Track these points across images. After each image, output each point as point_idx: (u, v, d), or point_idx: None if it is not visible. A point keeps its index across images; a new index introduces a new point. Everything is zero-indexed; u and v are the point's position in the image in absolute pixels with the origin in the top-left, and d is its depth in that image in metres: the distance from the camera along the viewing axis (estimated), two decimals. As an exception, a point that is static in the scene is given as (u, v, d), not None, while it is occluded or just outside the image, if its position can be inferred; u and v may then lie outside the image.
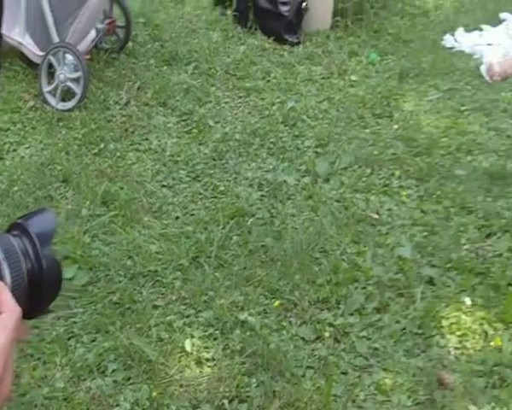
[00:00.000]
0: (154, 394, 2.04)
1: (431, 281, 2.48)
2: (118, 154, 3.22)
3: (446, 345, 2.23)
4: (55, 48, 3.55)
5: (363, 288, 2.43)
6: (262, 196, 2.96)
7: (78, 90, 3.51)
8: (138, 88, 3.76)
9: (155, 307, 2.36)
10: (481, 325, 2.30)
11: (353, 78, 3.98)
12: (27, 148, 3.24)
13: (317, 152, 3.26)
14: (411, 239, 2.68)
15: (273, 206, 2.89)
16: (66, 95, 3.58)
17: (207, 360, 2.17)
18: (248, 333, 2.24)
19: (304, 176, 3.08)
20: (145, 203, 2.87)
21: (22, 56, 3.79)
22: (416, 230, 2.73)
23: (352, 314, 2.33)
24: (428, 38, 4.51)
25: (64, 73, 3.52)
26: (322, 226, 2.72)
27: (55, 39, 3.61)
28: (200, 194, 2.96)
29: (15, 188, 2.93)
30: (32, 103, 3.57)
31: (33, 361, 2.15)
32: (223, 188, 2.99)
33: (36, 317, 0.64)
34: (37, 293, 0.63)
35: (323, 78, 3.99)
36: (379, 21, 4.69)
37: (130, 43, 4.15)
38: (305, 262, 2.54)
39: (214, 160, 3.19)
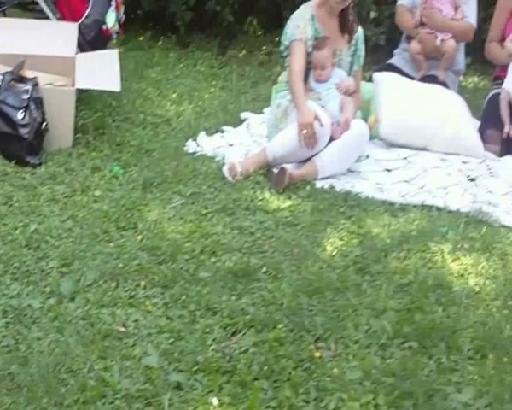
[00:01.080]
0: None
1: (178, 386, 2.64)
2: None
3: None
4: None
5: (111, 403, 2.54)
6: (7, 322, 3.00)
7: None
8: None
9: None
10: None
11: (97, 193, 4.14)
12: None
13: (61, 272, 3.36)
14: (158, 347, 2.84)
15: (18, 332, 2.94)
16: None
17: None
18: None
19: (49, 298, 3.17)
20: None
21: None
22: (162, 337, 2.90)
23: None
24: (171, 146, 4.80)
25: None
26: (69, 346, 2.82)
27: None
28: None
29: None
30: None
31: None
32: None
33: None
34: None
35: (67, 196, 4.11)
36: (121, 134, 4.92)
37: None
38: (52, 385, 2.61)
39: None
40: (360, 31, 5.02)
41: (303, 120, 4.48)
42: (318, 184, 4.40)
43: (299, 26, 4.80)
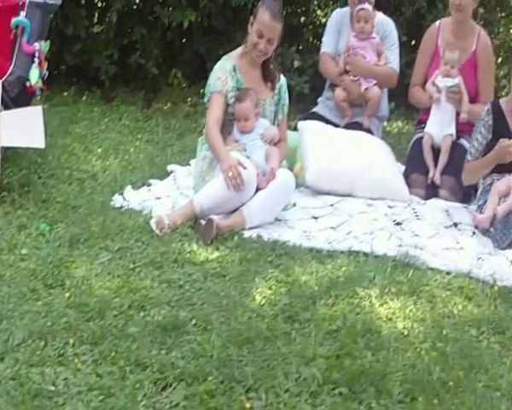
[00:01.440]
0: None
1: (110, 443, 2.67)
2: None
3: None
4: None
5: None
6: None
7: None
8: None
9: None
10: None
11: (24, 251, 4.14)
12: None
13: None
14: (88, 405, 2.85)
15: None
16: None
17: None
18: None
19: (-23, 359, 3.17)
20: None
21: None
22: (92, 395, 2.91)
23: None
24: (97, 201, 4.84)
25: None
26: (-1, 409, 2.83)
27: None
28: None
29: None
30: None
31: None
32: None
33: None
34: None
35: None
36: (47, 191, 4.94)
37: None
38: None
39: None
40: (283, 79, 5.16)
41: (226, 165, 4.56)
42: (246, 234, 4.48)
43: (220, 78, 4.91)
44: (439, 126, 5.58)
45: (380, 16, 6.02)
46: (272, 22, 4.85)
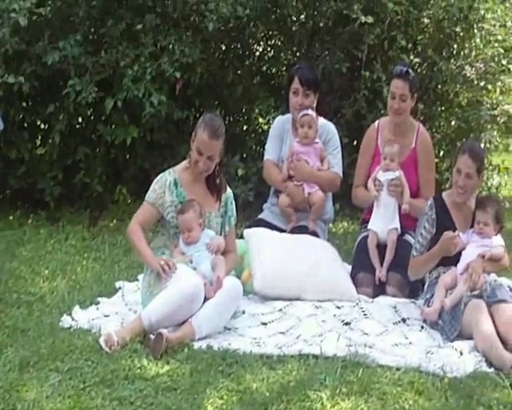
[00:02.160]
0: None
1: None
2: None
3: None
4: None
5: None
6: None
7: None
8: None
9: None
10: None
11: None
12: None
13: None
14: None
15: None
16: None
17: None
18: None
19: None
20: None
21: None
22: None
23: None
24: (46, 323, 4.90)
25: None
26: None
27: None
28: None
29: None
30: None
31: None
32: None
33: None
34: None
35: None
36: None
37: None
38: None
39: None
40: (229, 192, 5.31)
41: (153, 262, 4.91)
42: (196, 345, 4.57)
43: (156, 190, 5.12)
44: (383, 222, 5.78)
45: (321, 121, 6.26)
46: (211, 141, 5.03)
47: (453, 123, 8.31)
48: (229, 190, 5.33)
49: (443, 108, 8.47)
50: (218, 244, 5.06)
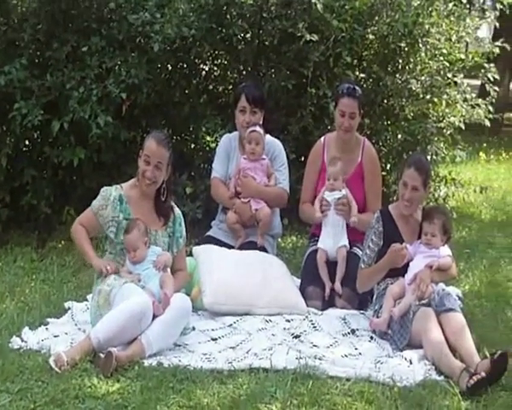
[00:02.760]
0: None
1: None
2: None
3: None
4: None
5: None
6: None
7: None
8: None
9: None
10: None
11: None
12: None
13: None
14: None
15: None
16: None
17: None
18: None
19: None
20: None
21: None
22: None
23: None
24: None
25: None
26: None
27: None
28: None
29: None
30: None
31: None
32: None
33: None
34: None
35: None
36: None
37: None
38: None
39: None
40: (178, 213, 5.32)
41: (97, 261, 5.11)
42: (146, 363, 4.56)
43: (100, 201, 5.19)
44: (332, 240, 5.85)
45: (268, 138, 6.32)
46: (158, 148, 5.10)
47: (399, 136, 8.39)
48: (178, 211, 5.35)
49: (389, 122, 8.54)
50: (164, 261, 5.07)
